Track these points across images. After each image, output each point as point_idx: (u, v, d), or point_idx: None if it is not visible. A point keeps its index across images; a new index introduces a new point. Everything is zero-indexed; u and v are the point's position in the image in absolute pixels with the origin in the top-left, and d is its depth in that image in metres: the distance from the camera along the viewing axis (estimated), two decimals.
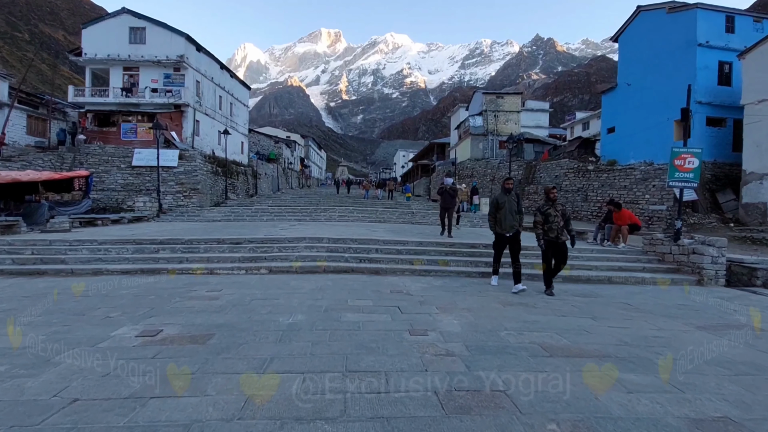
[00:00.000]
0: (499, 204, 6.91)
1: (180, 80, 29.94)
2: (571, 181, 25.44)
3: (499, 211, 6.91)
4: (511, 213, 6.86)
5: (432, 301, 5.89)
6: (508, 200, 6.89)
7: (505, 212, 6.83)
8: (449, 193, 11.70)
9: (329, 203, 26.24)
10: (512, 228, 6.89)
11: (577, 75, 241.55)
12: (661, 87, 22.09)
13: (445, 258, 8.88)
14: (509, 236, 6.92)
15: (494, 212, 6.97)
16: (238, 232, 11.60)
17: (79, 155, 25.48)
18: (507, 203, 6.87)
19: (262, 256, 8.45)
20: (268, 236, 10.03)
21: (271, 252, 8.87)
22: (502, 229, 6.88)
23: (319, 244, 9.42)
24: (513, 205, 6.90)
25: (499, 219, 6.92)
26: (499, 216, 6.90)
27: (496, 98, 42.00)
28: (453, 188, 11.94)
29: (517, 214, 6.95)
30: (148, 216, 17.57)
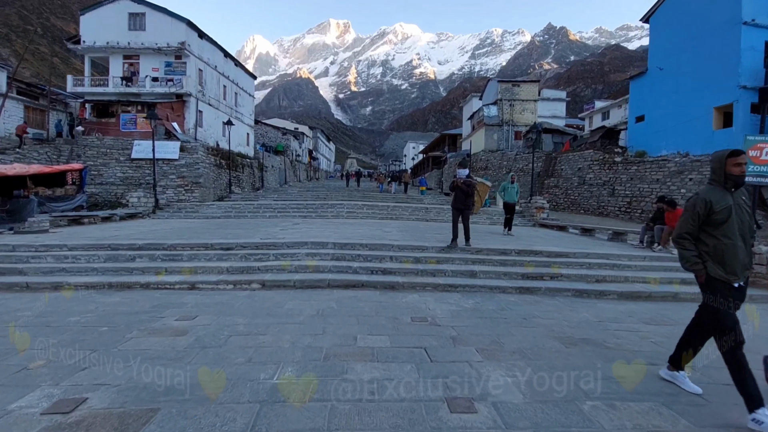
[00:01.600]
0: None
1: (181, 68, 28.65)
2: (595, 174, 23.71)
3: None
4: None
5: (467, 336, 4.47)
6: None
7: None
8: (463, 189, 8.72)
9: (337, 198, 24.86)
10: None
11: (590, 64, 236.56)
12: (700, 71, 20.18)
13: (472, 268, 7.44)
14: None
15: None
16: (233, 233, 10.27)
17: (77, 147, 24.42)
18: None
19: (255, 266, 7.08)
20: (264, 240, 8.66)
21: (266, 260, 7.51)
22: None
23: (323, 250, 8.03)
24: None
25: None
26: None
27: (511, 86, 40.07)
28: (468, 182, 8.83)
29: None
30: (143, 212, 16.37)
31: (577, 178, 24.86)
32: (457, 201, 8.80)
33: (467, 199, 8.72)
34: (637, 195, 20.81)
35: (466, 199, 8.71)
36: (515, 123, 39.66)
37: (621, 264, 8.08)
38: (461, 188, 8.70)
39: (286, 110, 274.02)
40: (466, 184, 8.72)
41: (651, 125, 23.39)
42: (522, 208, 18.51)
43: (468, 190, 8.68)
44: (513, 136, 39.59)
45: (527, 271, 7.36)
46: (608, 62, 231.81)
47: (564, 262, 7.95)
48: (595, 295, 6.79)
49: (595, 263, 8.02)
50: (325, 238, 9.12)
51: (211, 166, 26.27)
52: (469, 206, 8.81)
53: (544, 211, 17.00)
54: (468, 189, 8.69)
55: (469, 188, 8.73)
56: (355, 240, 8.81)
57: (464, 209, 8.78)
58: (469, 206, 8.81)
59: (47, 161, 23.11)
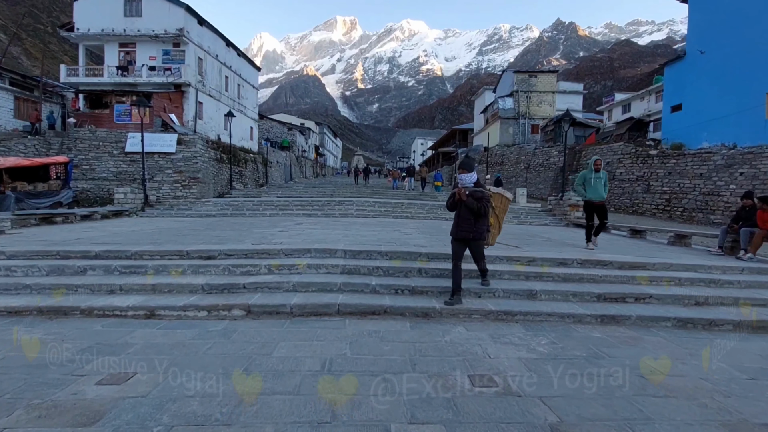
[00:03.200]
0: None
1: (180, 57, 26.98)
2: (627, 168, 21.65)
3: None
4: None
5: (577, 423, 2.63)
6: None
7: None
8: (470, 206, 5.16)
9: (345, 194, 23.06)
10: None
11: (599, 60, 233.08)
12: (749, 54, 18.05)
13: (530, 286, 5.59)
14: None
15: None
16: (221, 236, 8.48)
17: (67, 140, 22.82)
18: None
19: (240, 282, 5.28)
20: (257, 246, 6.86)
21: (255, 274, 5.71)
22: None
23: (331, 260, 6.21)
24: None
25: None
26: None
27: (528, 77, 37.98)
28: (479, 194, 5.25)
29: None
30: (130, 210, 14.68)
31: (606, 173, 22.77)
32: (461, 226, 5.23)
33: (477, 223, 5.21)
34: (677, 191, 18.75)
35: (476, 222, 5.19)
36: (532, 116, 37.61)
37: (717, 279, 6.18)
38: (468, 204, 5.13)
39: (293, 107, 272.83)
40: (476, 197, 5.16)
41: (690, 115, 21.28)
42: (552, 206, 16.58)
43: (478, 208, 5.11)
44: (530, 130, 37.54)
45: (603, 291, 5.49)
46: (618, 58, 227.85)
47: (645, 277, 6.06)
48: (704, 325, 4.93)
49: (685, 278, 6.13)
50: (332, 242, 7.30)
51: (211, 160, 24.60)
52: (480, 234, 5.25)
53: (578, 208, 15.05)
54: (478, 206, 5.11)
55: (480, 204, 5.14)
56: (370, 245, 6.98)
57: (472, 239, 5.24)
58: (480, 234, 5.25)
59: (35, 154, 21.56)
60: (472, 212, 5.10)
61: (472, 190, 5.22)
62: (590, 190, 8.26)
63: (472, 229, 5.17)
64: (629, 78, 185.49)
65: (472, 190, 5.21)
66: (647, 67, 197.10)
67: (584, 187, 8.35)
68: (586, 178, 8.32)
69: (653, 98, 39.45)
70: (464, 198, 5.11)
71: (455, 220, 5.31)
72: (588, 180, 8.26)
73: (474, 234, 5.19)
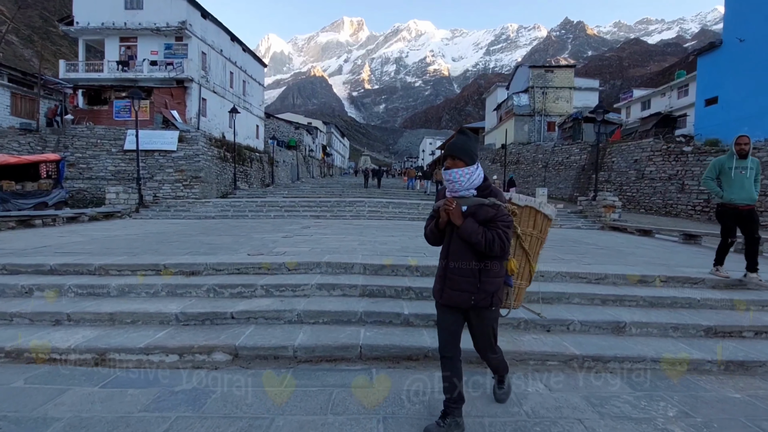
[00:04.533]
0: None
1: (182, 51, 25.85)
2: (658, 166, 20.09)
3: None
4: None
5: None
6: None
7: None
8: (465, 236, 2.33)
9: (355, 194, 21.76)
10: None
11: (608, 59, 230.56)
12: None
13: (611, 314, 4.20)
14: None
15: None
16: (214, 243, 7.18)
17: (64, 137, 21.80)
18: None
19: (227, 311, 3.95)
20: (254, 256, 5.54)
21: (250, 297, 4.38)
22: None
23: (348, 277, 4.86)
24: None
25: None
26: None
27: (544, 72, 36.43)
28: (486, 210, 2.32)
29: None
30: (123, 211, 13.46)
31: (634, 172, 21.25)
32: (451, 277, 2.45)
33: (485, 270, 2.41)
34: None
35: (483, 268, 2.40)
36: (548, 113, 36.05)
37: None
38: (464, 233, 2.35)
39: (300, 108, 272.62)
40: (483, 217, 2.34)
41: (727, 108, 19.67)
42: (583, 207, 15.12)
43: (488, 240, 2.29)
44: (546, 128, 35.99)
45: (711, 322, 4.09)
46: (627, 57, 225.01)
47: (756, 301, 4.65)
48: None
49: None
50: (347, 252, 5.95)
51: (214, 158, 23.43)
52: (490, 294, 2.41)
53: (614, 210, 13.59)
54: (488, 236, 2.30)
55: (494, 231, 2.31)
56: (395, 257, 5.61)
57: (475, 305, 2.42)
58: (490, 294, 2.41)
59: (29, 152, 20.51)
60: (475, 249, 2.34)
61: (474, 202, 2.36)
62: (733, 187, 5.07)
63: (473, 283, 2.37)
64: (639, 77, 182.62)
65: (475, 203, 2.35)
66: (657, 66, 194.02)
67: (720, 181, 5.26)
68: (723, 167, 5.19)
69: (675, 94, 37.66)
70: (457, 220, 2.34)
71: (440, 264, 2.56)
72: (727, 171, 5.12)
73: (478, 295, 2.37)
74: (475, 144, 2.53)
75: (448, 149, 2.45)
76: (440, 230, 2.50)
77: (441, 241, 2.56)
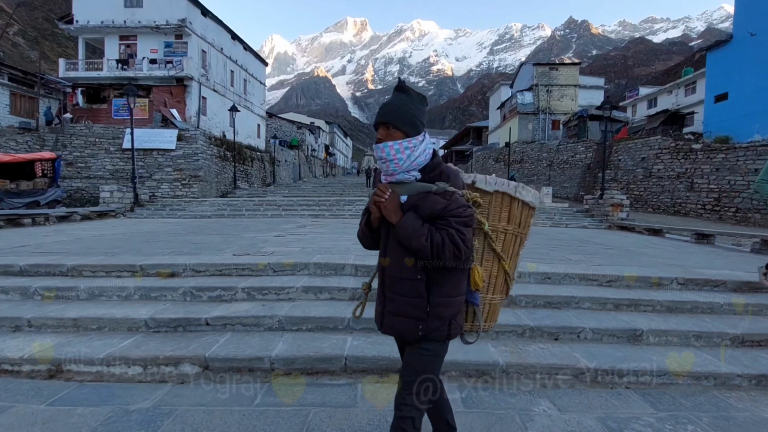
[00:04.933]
0: None
1: (182, 49, 25.60)
2: (666, 164, 19.59)
3: None
4: None
5: None
6: None
7: None
8: (401, 237, 1.52)
9: (356, 193, 21.41)
10: None
11: (613, 59, 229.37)
12: None
13: (628, 322, 3.81)
14: None
15: None
16: (201, 242, 6.84)
17: (62, 136, 21.58)
18: None
19: (202, 317, 3.59)
20: (239, 256, 5.19)
21: (229, 301, 4.02)
22: None
23: (338, 279, 4.50)
24: None
25: None
26: None
27: (549, 70, 35.93)
28: (434, 201, 1.51)
29: None
30: (117, 210, 13.17)
31: (641, 170, 20.75)
32: (389, 296, 1.64)
33: (435, 289, 1.57)
34: (728, 190, 16.69)
35: (431, 286, 1.57)
36: (553, 111, 35.53)
37: None
38: (400, 233, 1.53)
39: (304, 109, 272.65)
40: (428, 212, 1.53)
41: (737, 104, 19.14)
42: (589, 206, 14.68)
43: (434, 245, 1.48)
44: (550, 126, 35.48)
45: (738, 330, 3.68)
46: (632, 56, 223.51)
47: None
48: None
49: None
50: (340, 252, 5.58)
51: (214, 157, 23.14)
52: (439, 322, 1.57)
53: (622, 208, 13.14)
54: (435, 240, 1.48)
55: (445, 232, 1.48)
56: None
57: (414, 337, 1.59)
58: (439, 322, 1.57)
59: (27, 151, 20.32)
60: (417, 256, 1.55)
61: (416, 190, 1.56)
62: None
63: (420, 306, 1.57)
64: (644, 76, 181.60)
65: (418, 190, 1.56)
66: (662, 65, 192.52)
67: None
68: None
69: (682, 91, 37.07)
70: (392, 216, 1.55)
71: (378, 277, 1.77)
72: None
73: (428, 323, 1.56)
74: (420, 106, 1.62)
75: (381, 113, 1.60)
76: (372, 230, 1.69)
77: (376, 244, 1.73)
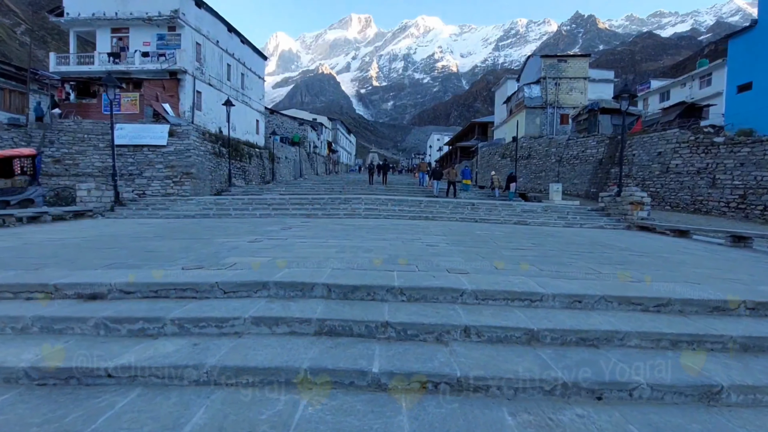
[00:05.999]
0: None
1: (175, 41, 24.64)
2: (685, 159, 18.39)
3: None
4: None
5: None
6: None
7: None
8: None
9: (355, 191, 20.37)
10: None
11: (620, 53, 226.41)
12: None
13: (703, 376, 2.73)
14: None
15: None
16: (156, 250, 5.84)
17: (50, 132, 20.73)
18: None
19: (101, 367, 2.55)
20: (189, 270, 4.18)
21: (155, 337, 3.02)
22: None
23: (303, 303, 3.46)
24: None
25: None
26: None
27: (557, 62, 34.62)
28: None
29: None
30: (96, 210, 12.24)
31: (658, 165, 19.54)
32: None
33: None
34: (754, 186, 15.49)
35: None
36: (561, 105, 34.24)
37: None
38: None
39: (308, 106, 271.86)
40: None
41: (762, 95, 17.91)
42: (605, 204, 13.55)
43: None
44: (558, 120, 34.20)
45: None
46: (640, 51, 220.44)
47: None
48: None
49: None
50: (316, 264, 4.55)
51: (208, 154, 22.20)
52: None
53: (643, 207, 12.01)
54: None
55: None
56: (375, 274, 4.20)
57: None
58: None
59: (11, 147, 19.49)
60: None
61: None
62: None
63: None
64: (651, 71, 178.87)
65: None
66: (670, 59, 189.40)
67: None
68: None
69: (696, 84, 35.66)
70: None
71: None
72: None
73: None
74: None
75: None
76: None
77: None
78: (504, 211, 13.15)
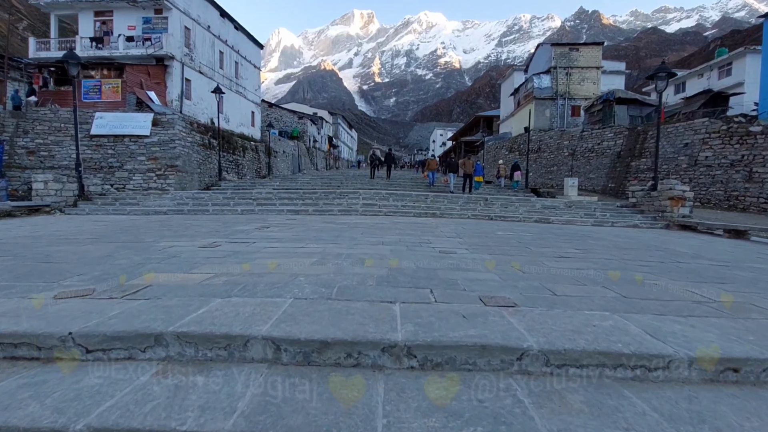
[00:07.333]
0: None
1: (162, 25, 22.98)
2: (716, 151, 16.69)
3: None
4: None
5: None
6: None
7: None
8: None
9: (354, 186, 18.77)
10: None
11: (624, 49, 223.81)
12: None
13: None
14: None
15: None
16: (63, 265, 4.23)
17: (24, 121, 19.15)
18: None
19: None
20: (54, 304, 2.56)
21: None
22: None
23: (219, 380, 1.82)
24: None
25: None
26: None
27: (569, 51, 32.80)
28: None
29: None
30: (54, 205, 10.66)
31: (685, 158, 17.84)
32: None
33: None
34: None
35: None
36: (573, 96, 32.45)
37: None
38: None
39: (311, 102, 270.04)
40: None
41: None
42: (637, 199, 11.88)
43: None
44: (570, 112, 32.43)
45: None
46: (644, 47, 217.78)
47: None
48: None
49: None
50: (274, 288, 2.93)
51: (195, 145, 20.58)
52: None
53: (685, 203, 10.34)
54: None
55: None
56: (365, 302, 2.57)
57: None
58: None
59: None
60: None
61: None
62: None
63: None
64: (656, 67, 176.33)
65: None
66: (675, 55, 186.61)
67: None
68: None
69: (715, 74, 33.77)
70: None
71: None
72: None
73: None
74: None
75: None
76: None
77: None
78: (522, 208, 11.50)
